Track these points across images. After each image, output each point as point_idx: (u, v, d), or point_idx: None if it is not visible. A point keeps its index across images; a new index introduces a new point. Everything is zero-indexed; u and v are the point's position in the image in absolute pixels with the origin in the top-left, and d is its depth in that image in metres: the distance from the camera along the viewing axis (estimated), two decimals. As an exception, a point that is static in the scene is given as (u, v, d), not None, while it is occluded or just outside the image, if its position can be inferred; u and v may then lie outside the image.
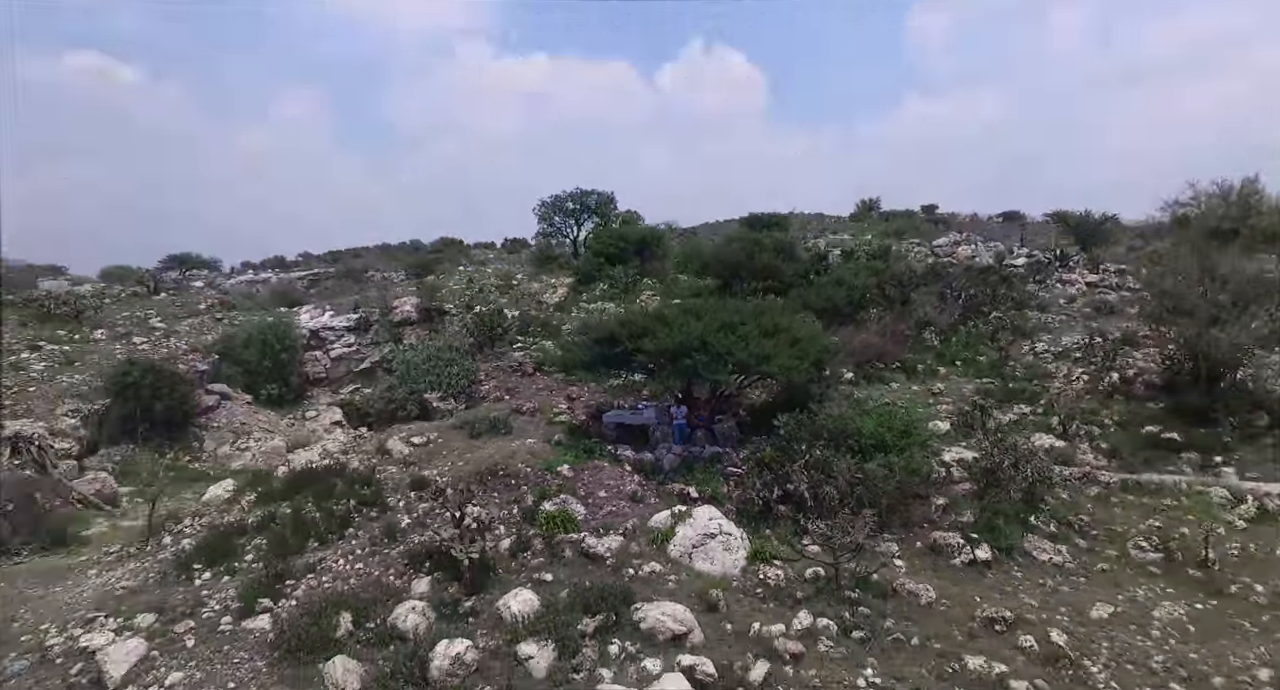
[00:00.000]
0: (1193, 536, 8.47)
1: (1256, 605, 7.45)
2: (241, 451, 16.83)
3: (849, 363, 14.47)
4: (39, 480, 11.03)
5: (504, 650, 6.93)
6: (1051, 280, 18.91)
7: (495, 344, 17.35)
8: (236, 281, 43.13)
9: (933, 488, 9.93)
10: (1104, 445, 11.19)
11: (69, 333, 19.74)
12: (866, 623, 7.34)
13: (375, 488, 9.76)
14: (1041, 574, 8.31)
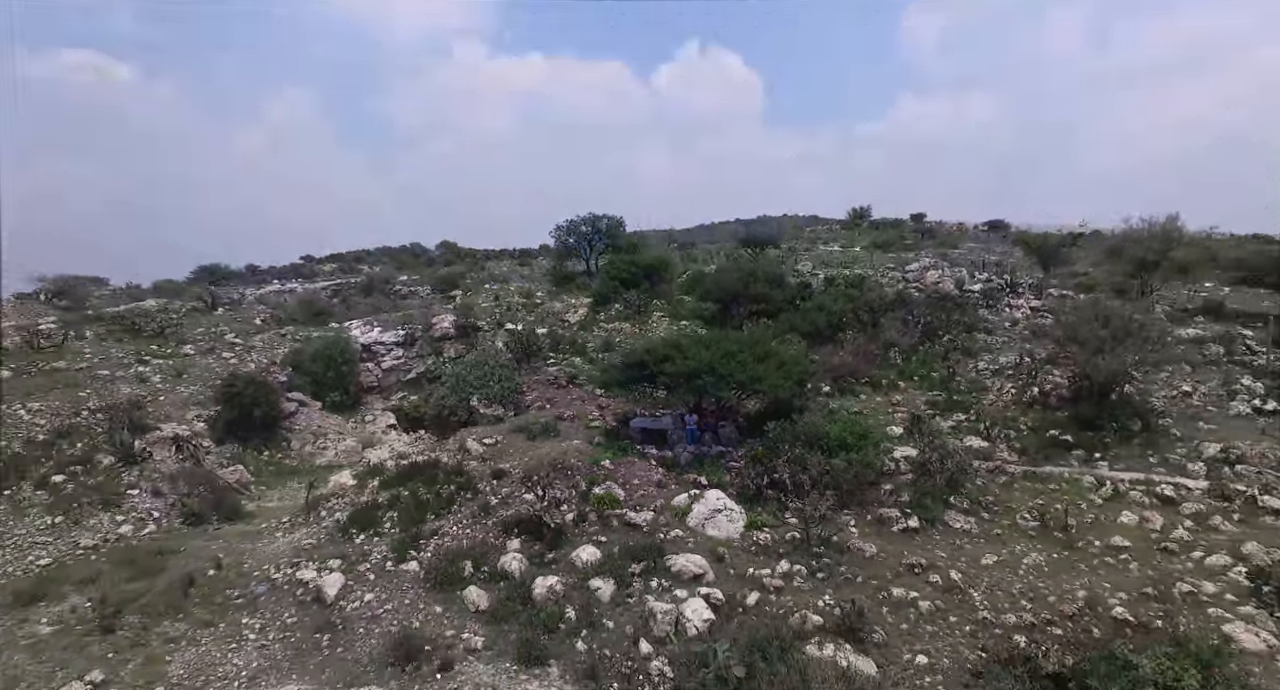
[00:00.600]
0: (1062, 510, 11.85)
1: (1091, 554, 10.83)
2: (322, 450, 20.08)
3: (827, 378, 17.81)
4: (201, 471, 14.29)
5: (580, 584, 10.24)
6: (1001, 305, 22.30)
7: (532, 359, 20.61)
8: (265, 291, 46.17)
9: (883, 477, 13.27)
10: (1017, 445, 14.56)
11: (161, 347, 22.94)
12: (826, 568, 10.68)
13: (466, 476, 13.05)
14: (953, 537, 11.66)
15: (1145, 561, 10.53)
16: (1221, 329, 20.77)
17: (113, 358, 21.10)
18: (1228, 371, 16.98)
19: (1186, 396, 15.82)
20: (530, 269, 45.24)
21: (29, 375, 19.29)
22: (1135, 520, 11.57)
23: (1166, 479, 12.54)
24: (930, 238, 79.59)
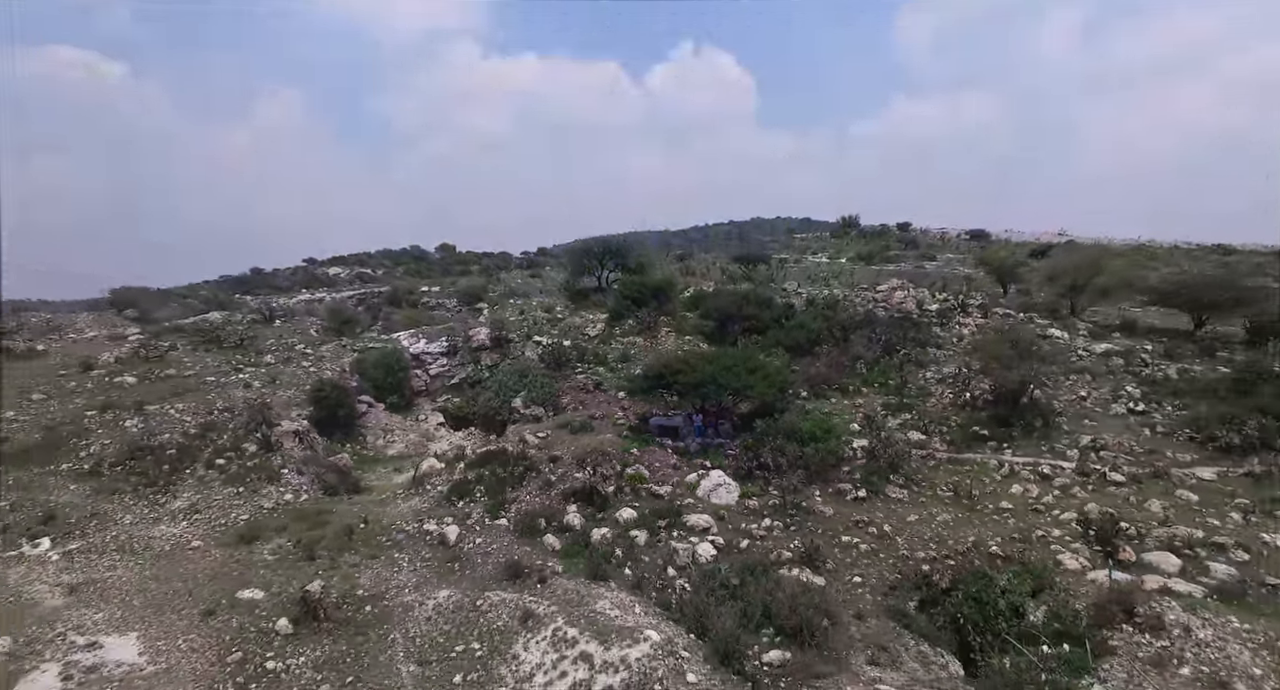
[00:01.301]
0: (969, 485, 16.25)
1: (985, 514, 15.23)
2: (391, 443, 24.27)
3: (804, 385, 22.17)
4: (321, 457, 18.53)
5: (623, 534, 14.55)
6: (951, 323, 26.73)
7: (563, 368, 24.89)
8: (296, 301, 50.19)
9: (842, 461, 17.61)
10: (947, 437, 18.96)
11: (245, 357, 27.08)
12: (796, 523, 15.04)
13: (529, 460, 17.33)
14: (889, 503, 16.03)
15: (1019, 518, 14.95)
16: (1130, 344, 25.31)
17: (210, 367, 25.25)
18: (1119, 380, 21.46)
19: (1082, 400, 20.29)
20: (542, 281, 49.52)
21: (150, 382, 23.46)
22: (1020, 491, 16.00)
23: (1048, 461, 16.99)
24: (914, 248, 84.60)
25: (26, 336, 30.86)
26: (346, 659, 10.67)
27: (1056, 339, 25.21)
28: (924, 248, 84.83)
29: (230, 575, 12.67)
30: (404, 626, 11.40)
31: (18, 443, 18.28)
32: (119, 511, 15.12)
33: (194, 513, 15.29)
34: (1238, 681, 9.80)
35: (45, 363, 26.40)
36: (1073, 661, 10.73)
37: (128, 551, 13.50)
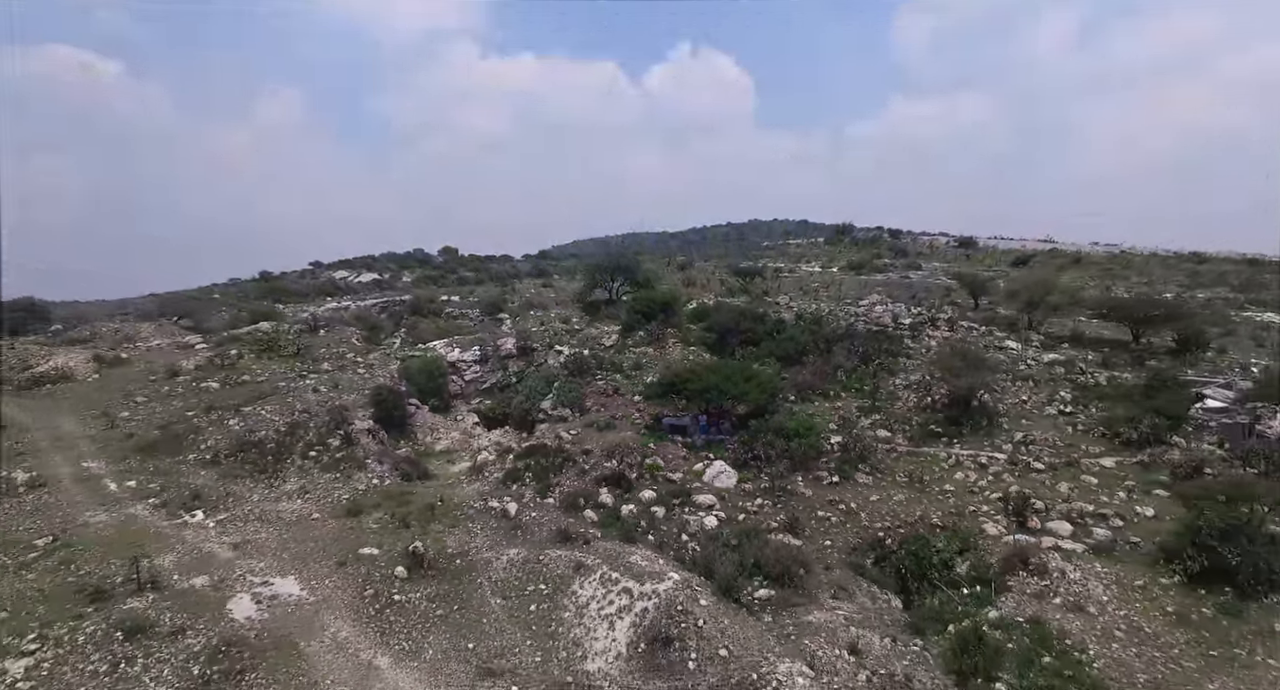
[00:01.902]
0: (922, 471, 20.22)
1: (932, 494, 19.19)
2: (437, 440, 28.10)
3: (792, 390, 26.12)
4: (391, 450, 22.44)
5: (645, 509, 18.47)
6: (921, 335, 30.71)
7: (585, 375, 28.81)
8: (324, 308, 53.85)
9: (821, 454, 21.56)
10: (909, 435, 22.94)
11: (304, 364, 30.96)
12: (781, 501, 18.99)
13: (566, 453, 21.25)
14: (857, 487, 19.99)
15: (958, 497, 18.94)
16: (1075, 354, 29.34)
17: (278, 374, 29.10)
18: (1057, 386, 25.46)
19: (1023, 403, 24.30)
20: (554, 292, 53.31)
21: (231, 387, 27.34)
22: (962, 477, 19.98)
23: (987, 453, 20.98)
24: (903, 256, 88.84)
25: (107, 345, 34.79)
26: (449, 595, 14.59)
27: (1010, 349, 29.25)
28: (913, 256, 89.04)
29: (348, 538, 16.58)
30: (487, 573, 15.32)
31: (143, 438, 22.19)
32: (245, 491, 19.04)
33: (304, 493, 19.21)
34: (1089, 605, 13.80)
35: (133, 369, 30.32)
36: (980, 597, 14.75)
37: (264, 521, 17.41)
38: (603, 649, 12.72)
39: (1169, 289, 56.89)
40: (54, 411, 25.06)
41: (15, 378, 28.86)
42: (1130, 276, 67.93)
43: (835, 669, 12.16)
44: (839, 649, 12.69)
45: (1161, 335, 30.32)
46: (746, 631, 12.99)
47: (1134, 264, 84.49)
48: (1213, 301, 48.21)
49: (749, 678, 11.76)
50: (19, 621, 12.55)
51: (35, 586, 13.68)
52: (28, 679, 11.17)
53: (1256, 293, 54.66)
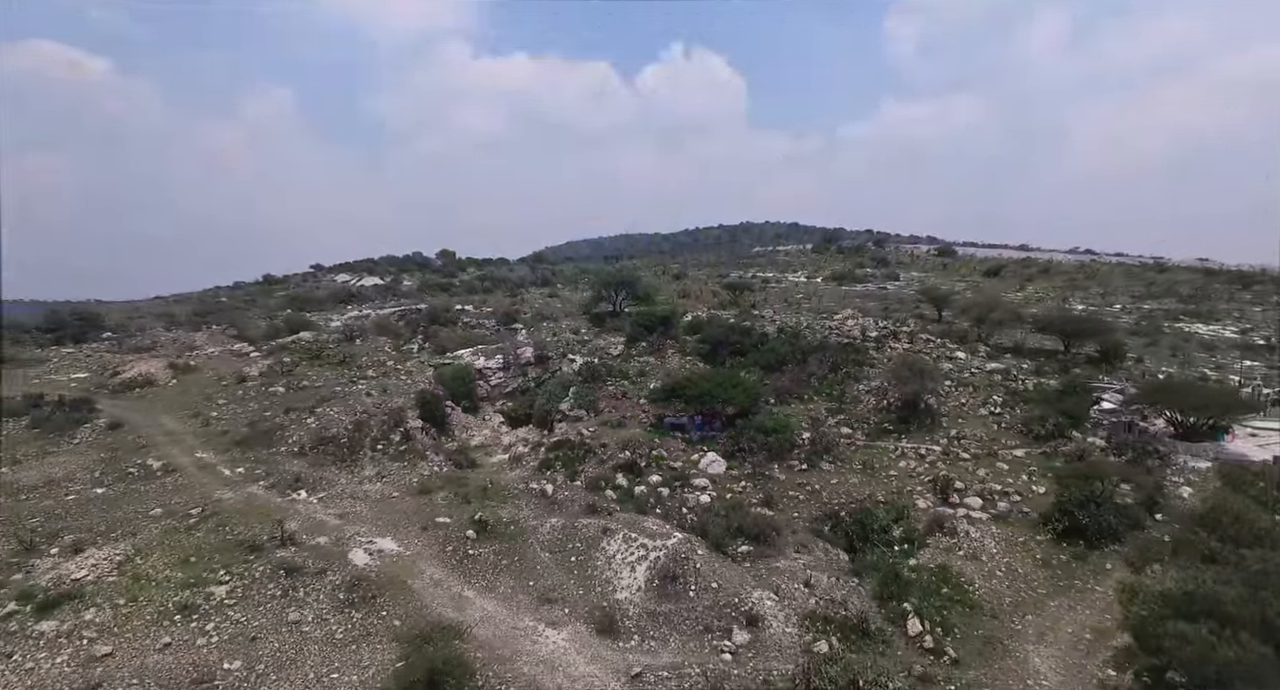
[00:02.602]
0: (874, 460, 25.25)
1: (879, 479, 24.23)
2: (471, 437, 32.91)
3: (772, 394, 31.10)
4: (440, 444, 27.24)
5: (654, 490, 23.37)
6: (885, 347, 35.75)
7: (597, 380, 33.69)
8: (347, 317, 58.35)
9: (794, 447, 26.56)
10: (866, 431, 27.96)
11: (351, 371, 35.65)
12: (760, 483, 23.97)
13: (587, 446, 26.13)
14: (822, 473, 25.00)
15: (900, 480, 23.96)
16: (1014, 363, 34.46)
17: (331, 380, 33.82)
18: (993, 391, 30.56)
19: (962, 406, 29.39)
20: (560, 301, 58.08)
21: (295, 391, 32.03)
22: (904, 465, 25.00)
23: (926, 446, 26.05)
24: (884, 266, 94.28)
25: (173, 354, 39.40)
26: (509, 551, 19.45)
27: (959, 359, 34.38)
28: (893, 265, 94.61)
29: (424, 511, 21.42)
30: (535, 536, 20.19)
31: (236, 434, 26.94)
32: (333, 476, 23.83)
33: (380, 477, 24.04)
34: (982, 555, 18.88)
35: (204, 375, 35.01)
36: (906, 551, 19.78)
37: (355, 498, 22.22)
38: (627, 584, 17.62)
39: (1121, 300, 62.50)
40: (151, 411, 29.75)
41: (108, 383, 33.49)
42: (1091, 287, 73.60)
43: (793, 596, 17.14)
44: (797, 584, 17.68)
45: (1087, 347, 35.51)
46: (730, 572, 17.96)
47: (1099, 274, 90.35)
48: (1154, 313, 53.71)
49: (731, 601, 16.72)
50: (206, 564, 17.34)
51: (206, 542, 18.46)
52: (230, 598, 15.98)
53: (1199, 304, 60.33)
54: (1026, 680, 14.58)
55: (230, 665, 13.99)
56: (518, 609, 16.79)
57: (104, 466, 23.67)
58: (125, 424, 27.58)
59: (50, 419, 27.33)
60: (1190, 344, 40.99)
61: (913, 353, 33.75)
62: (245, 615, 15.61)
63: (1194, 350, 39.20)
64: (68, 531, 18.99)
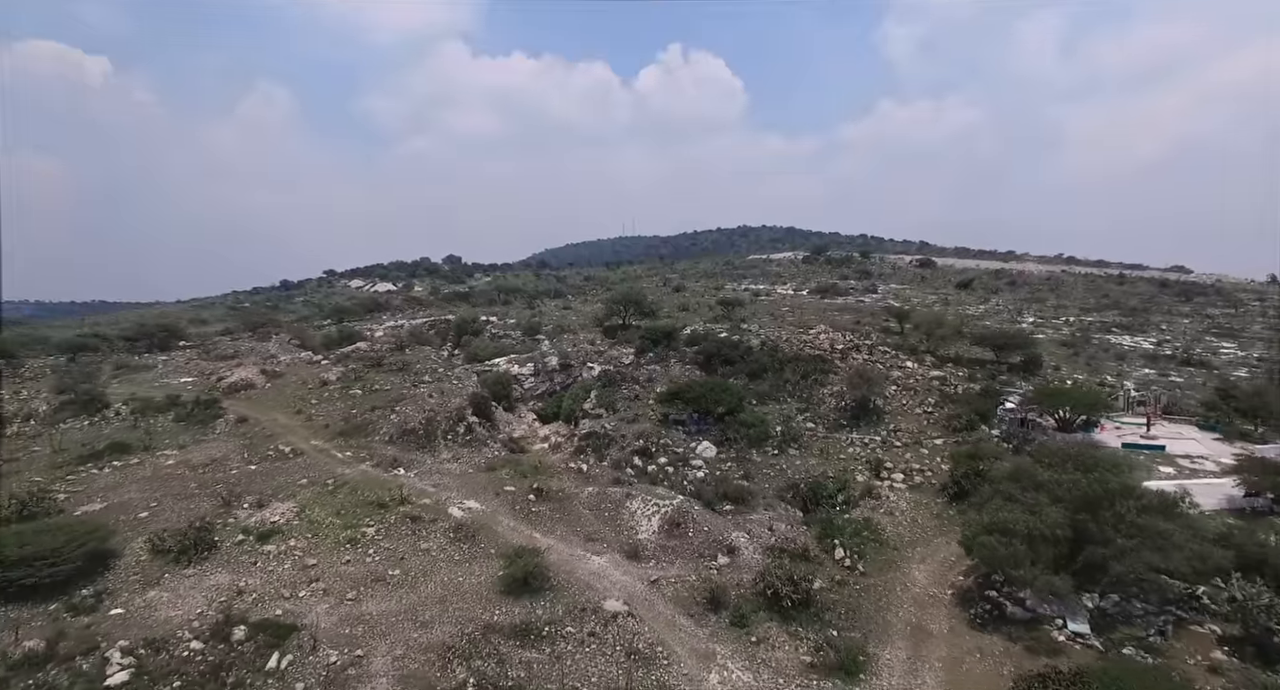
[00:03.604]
0: (829, 448, 33.06)
1: (832, 461, 32.06)
2: (514, 430, 40.63)
3: (753, 397, 38.91)
4: (499, 437, 35.04)
5: (662, 468, 31.21)
6: (848, 358, 43.53)
7: (613, 385, 41.47)
8: (386, 326, 65.94)
9: (769, 437, 34.39)
10: (826, 425, 35.78)
11: (410, 377, 43.34)
12: (742, 464, 31.83)
13: (610, 437, 33.91)
14: (789, 457, 32.79)
15: (847, 462, 31.75)
16: (953, 371, 42.29)
17: (397, 384, 41.57)
18: (929, 394, 38.40)
19: (904, 406, 37.25)
20: (574, 313, 65.79)
21: (370, 393, 39.77)
22: (852, 451, 32.84)
23: (869, 437, 33.90)
24: (866, 277, 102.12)
25: (257, 362, 47.08)
26: (560, 510, 27.20)
27: (908, 368, 42.23)
28: (875, 277, 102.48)
29: (494, 482, 29.19)
30: (577, 499, 27.96)
31: (335, 427, 34.67)
32: (420, 458, 31.58)
33: (455, 459, 31.82)
34: (896, 512, 26.74)
35: (290, 380, 42.74)
36: (843, 510, 27.64)
37: (441, 474, 29.99)
38: (645, 529, 25.40)
39: (1071, 313, 70.42)
40: (262, 409, 37.49)
41: (216, 386, 41.19)
42: (1049, 299, 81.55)
43: (760, 536, 24.96)
44: (763, 529, 25.51)
45: (1014, 357, 43.40)
46: (717, 521, 25.78)
47: (1062, 286, 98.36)
48: (1090, 326, 61.62)
49: (717, 539, 24.53)
50: (353, 515, 25.08)
51: (347, 501, 26.21)
52: (378, 535, 23.72)
53: (1136, 317, 68.30)
54: (905, 582, 22.47)
55: (392, 572, 21.76)
56: (571, 544, 24.59)
57: (248, 450, 31.39)
58: (249, 419, 35.33)
59: (191, 414, 35.07)
60: (1107, 354, 48.92)
61: (869, 363, 41.67)
62: (391, 545, 23.38)
63: (1107, 360, 47.14)
64: (247, 494, 26.70)
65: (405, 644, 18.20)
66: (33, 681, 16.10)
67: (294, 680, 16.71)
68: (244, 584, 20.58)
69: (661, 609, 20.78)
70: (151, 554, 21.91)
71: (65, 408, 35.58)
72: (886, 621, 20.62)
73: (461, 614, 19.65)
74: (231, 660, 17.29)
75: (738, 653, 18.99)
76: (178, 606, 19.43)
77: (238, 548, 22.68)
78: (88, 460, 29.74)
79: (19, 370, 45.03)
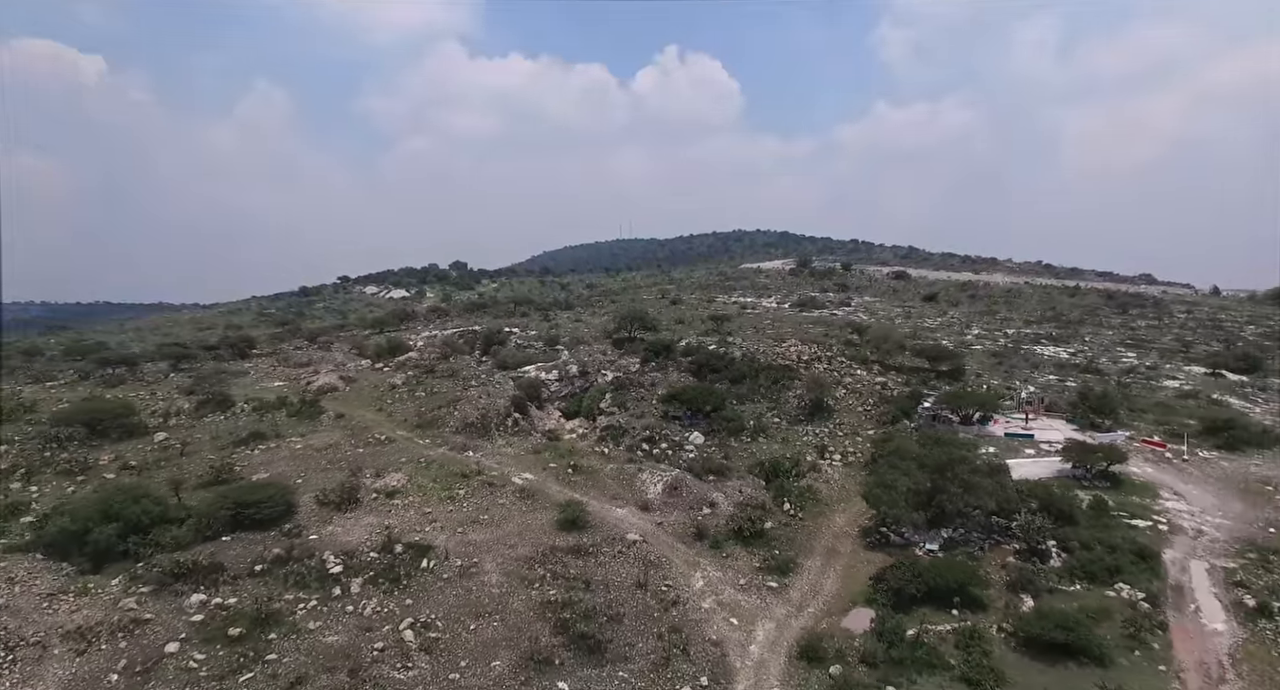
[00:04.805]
0: (789, 436, 43.80)
1: (789, 445, 42.83)
2: (545, 424, 51.14)
3: (734, 399, 49.61)
4: (538, 429, 45.67)
5: (664, 451, 41.94)
6: (811, 367, 54.21)
7: (624, 388, 52.16)
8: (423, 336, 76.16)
9: (743, 429, 45.12)
10: (789, 420, 46.49)
11: (460, 382, 53.85)
12: (723, 448, 42.57)
13: (623, 429, 44.57)
14: (759, 443, 43.49)
15: (801, 447, 42.54)
16: (896, 378, 53.04)
17: (453, 387, 52.17)
18: (871, 396, 49.15)
19: (850, 405, 48.03)
20: (585, 326, 76.29)
21: (432, 395, 50.40)
22: (806, 439, 43.60)
23: (820, 429, 44.66)
24: (843, 291, 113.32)
25: (333, 368, 57.59)
26: (590, 479, 37.81)
27: (858, 374, 53.03)
28: (852, 290, 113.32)
29: (540, 461, 39.82)
30: (603, 472, 38.60)
31: (412, 421, 45.28)
32: (482, 444, 42.17)
33: (509, 445, 42.46)
34: (830, 480, 37.55)
35: (364, 384, 53.35)
36: (795, 480, 38.46)
37: (500, 455, 40.59)
38: (652, 491, 36.03)
39: (1015, 325, 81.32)
40: (350, 407, 48.04)
41: (306, 390, 51.69)
42: (1000, 311, 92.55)
43: (732, 496, 35.71)
44: (736, 491, 36.26)
45: (944, 366, 54.24)
46: (704, 486, 36.51)
47: (1019, 298, 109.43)
48: (1022, 337, 72.56)
49: (703, 498, 35.24)
50: (446, 482, 35.67)
51: (439, 473, 36.77)
52: (467, 495, 34.34)
53: (1068, 329, 79.27)
54: (829, 524, 33.27)
55: (483, 517, 32.37)
56: (601, 501, 35.26)
57: (353, 438, 41.92)
58: (344, 415, 45.89)
59: (300, 411, 45.63)
60: (1027, 363, 59.84)
61: (826, 372, 52.51)
62: (477, 501, 34.00)
63: (1023, 368, 58.06)
64: (366, 468, 37.22)
65: (502, 556, 28.85)
66: (286, 570, 26.67)
67: (441, 572, 27.34)
68: (388, 523, 31.17)
69: (664, 539, 31.51)
70: (318, 505, 32.49)
71: (203, 406, 46.06)
72: (812, 546, 31.41)
73: (534, 541, 30.30)
74: (397, 562, 27.88)
75: (714, 563, 29.73)
76: (350, 535, 30.03)
77: (374, 502, 33.29)
78: (239, 445, 40.27)
79: (140, 375, 55.48)
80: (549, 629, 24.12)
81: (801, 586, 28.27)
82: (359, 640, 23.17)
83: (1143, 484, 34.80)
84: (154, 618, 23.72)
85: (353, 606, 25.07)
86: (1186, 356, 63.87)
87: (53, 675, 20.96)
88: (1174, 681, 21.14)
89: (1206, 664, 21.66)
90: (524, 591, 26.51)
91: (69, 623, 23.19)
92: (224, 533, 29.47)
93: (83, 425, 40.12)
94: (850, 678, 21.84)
